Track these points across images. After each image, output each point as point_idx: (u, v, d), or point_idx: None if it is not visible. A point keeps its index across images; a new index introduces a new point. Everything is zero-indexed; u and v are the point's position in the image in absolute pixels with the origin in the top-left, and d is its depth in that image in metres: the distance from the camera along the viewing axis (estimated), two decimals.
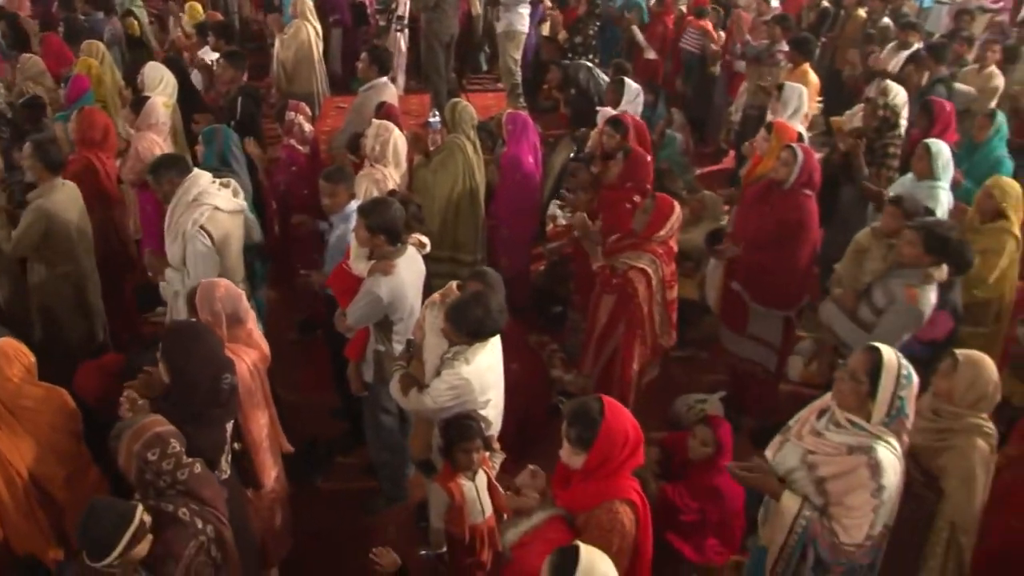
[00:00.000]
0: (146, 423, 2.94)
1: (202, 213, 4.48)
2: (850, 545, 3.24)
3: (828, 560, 3.33)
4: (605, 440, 3.07)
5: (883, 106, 6.50)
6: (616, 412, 3.13)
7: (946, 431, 3.70)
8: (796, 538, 3.35)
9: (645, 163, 5.39)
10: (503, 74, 10.04)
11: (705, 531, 4.54)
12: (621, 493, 3.15)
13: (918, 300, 4.43)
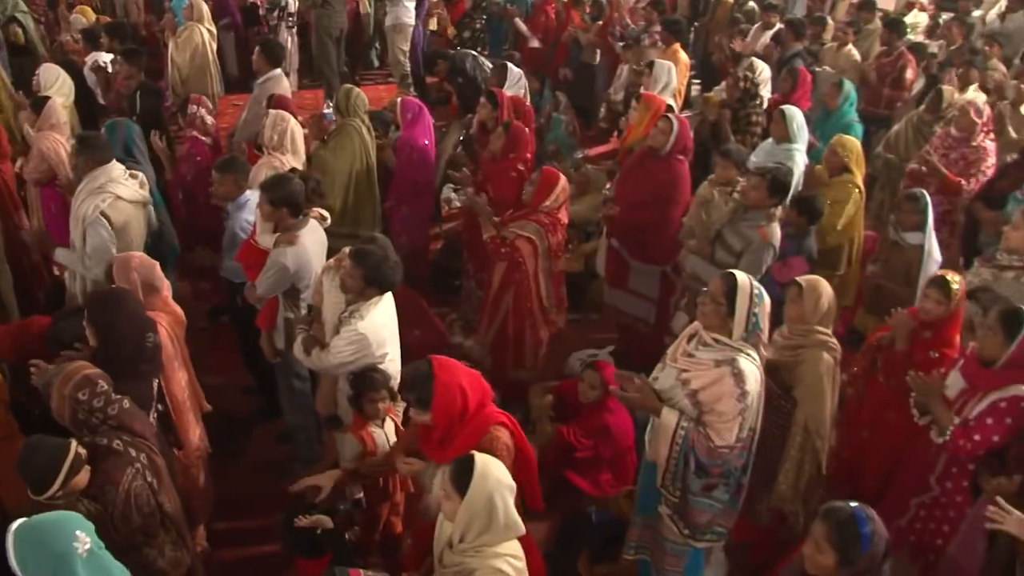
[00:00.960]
0: (73, 368, 3.20)
1: (104, 199, 4.70)
2: (723, 447, 3.62)
3: (707, 463, 3.70)
4: (442, 396, 3.36)
5: (744, 79, 7.09)
6: (445, 368, 3.43)
7: (798, 347, 4.17)
8: (678, 448, 3.69)
9: (525, 135, 5.80)
10: (392, 65, 10.39)
11: (600, 467, 4.93)
12: (490, 421, 3.49)
13: (770, 236, 5.00)
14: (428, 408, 3.38)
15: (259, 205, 4.54)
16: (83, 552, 2.55)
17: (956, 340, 4.29)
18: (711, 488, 3.80)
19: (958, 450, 3.76)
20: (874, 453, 4.46)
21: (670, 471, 3.79)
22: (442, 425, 3.43)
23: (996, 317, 3.74)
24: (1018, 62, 8.94)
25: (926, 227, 5.47)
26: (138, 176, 5.03)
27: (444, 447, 3.46)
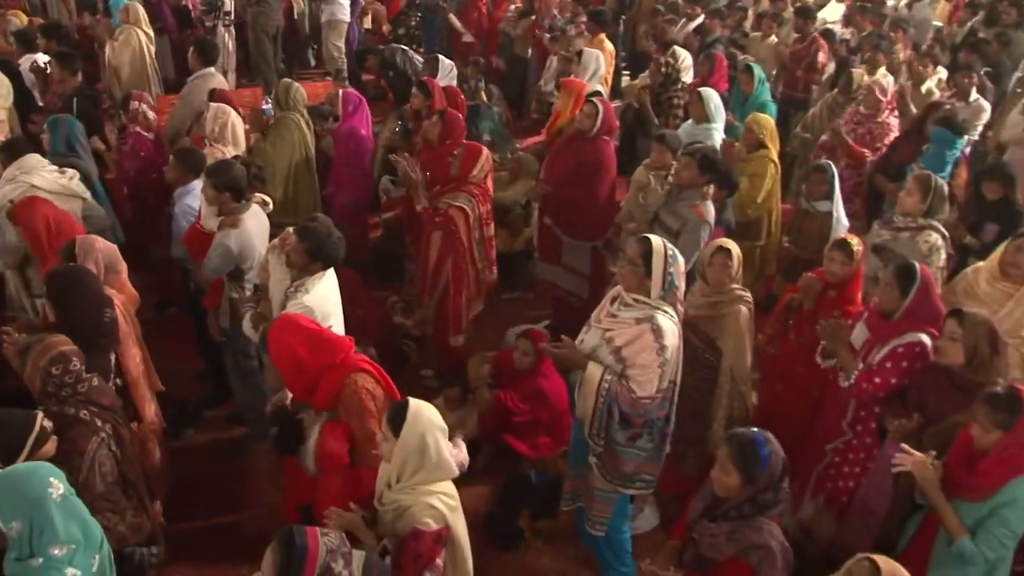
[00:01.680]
0: (52, 341, 3.41)
1: (15, 188, 4.90)
2: (645, 398, 3.88)
3: (630, 413, 3.94)
4: (274, 350, 3.75)
5: (665, 64, 7.46)
6: (278, 325, 3.83)
7: (718, 303, 4.52)
8: (603, 400, 3.94)
9: (460, 122, 6.06)
10: (328, 61, 10.60)
11: (538, 430, 5.22)
12: (349, 369, 3.72)
13: (705, 214, 5.31)
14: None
15: (203, 190, 4.77)
16: (57, 497, 2.78)
17: (858, 298, 4.65)
18: (636, 438, 4.06)
19: (862, 392, 4.12)
20: (787, 405, 4.80)
21: (596, 422, 4.03)
22: (288, 374, 3.75)
23: (892, 273, 4.10)
24: (925, 48, 9.47)
25: (834, 195, 5.88)
26: (67, 171, 5.20)
27: (312, 395, 3.74)
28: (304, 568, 2.52)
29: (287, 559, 2.54)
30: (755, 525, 3.15)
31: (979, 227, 5.83)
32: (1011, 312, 4.53)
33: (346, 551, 2.63)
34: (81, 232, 4.68)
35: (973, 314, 3.80)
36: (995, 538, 3.35)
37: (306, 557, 2.54)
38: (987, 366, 3.69)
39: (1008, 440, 3.32)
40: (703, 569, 3.30)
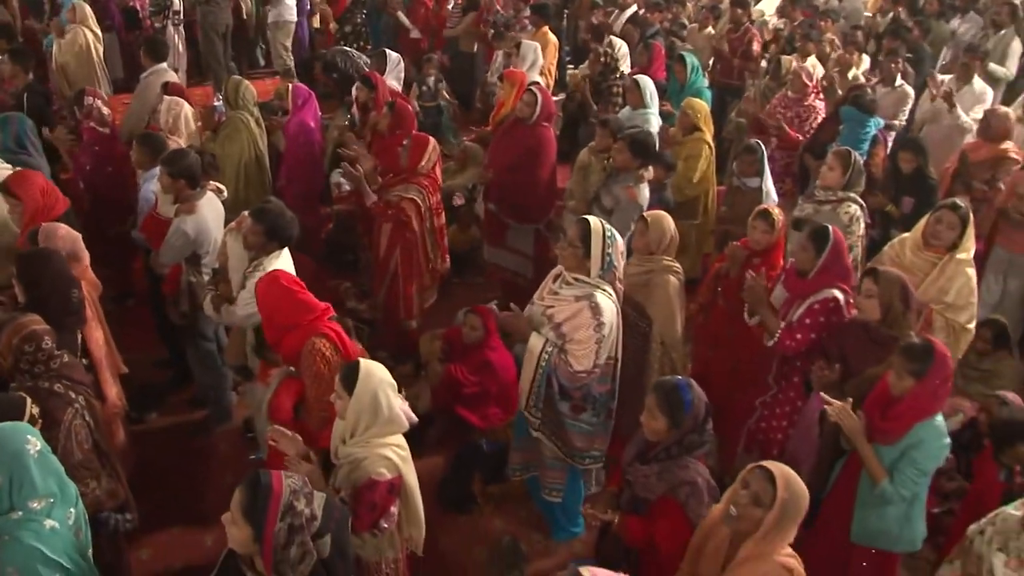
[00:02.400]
0: (25, 320, 3.57)
1: None
2: (582, 372, 4.16)
3: (568, 386, 4.25)
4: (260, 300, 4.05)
5: (604, 55, 7.78)
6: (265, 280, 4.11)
7: (647, 272, 4.81)
8: (542, 370, 4.24)
9: (408, 113, 6.32)
10: (275, 59, 10.75)
11: (487, 401, 5.42)
12: (313, 331, 3.95)
13: (637, 196, 5.63)
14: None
15: (159, 179, 4.96)
16: (34, 453, 2.98)
17: (780, 264, 4.98)
18: (579, 411, 4.35)
19: (785, 348, 4.45)
20: (719, 368, 5.09)
21: (534, 393, 4.32)
22: (264, 321, 4.09)
23: (807, 235, 4.46)
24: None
25: (763, 173, 6.22)
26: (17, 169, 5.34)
27: (278, 345, 4.02)
28: (269, 505, 2.70)
29: (253, 497, 2.72)
30: (682, 464, 3.46)
31: (897, 200, 6.22)
32: (935, 280, 4.91)
33: (308, 491, 2.83)
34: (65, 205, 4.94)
35: (887, 272, 4.15)
36: (908, 478, 3.68)
37: (271, 495, 2.72)
38: (900, 320, 4.03)
39: (920, 388, 3.63)
40: (638, 509, 3.59)
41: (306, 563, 2.76)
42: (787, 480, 2.98)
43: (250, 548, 2.74)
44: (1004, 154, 6.52)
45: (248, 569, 2.80)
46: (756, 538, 2.99)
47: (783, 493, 2.94)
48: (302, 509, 2.75)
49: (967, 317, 4.91)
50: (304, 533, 2.74)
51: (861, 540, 3.91)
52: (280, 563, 2.72)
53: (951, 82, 8.02)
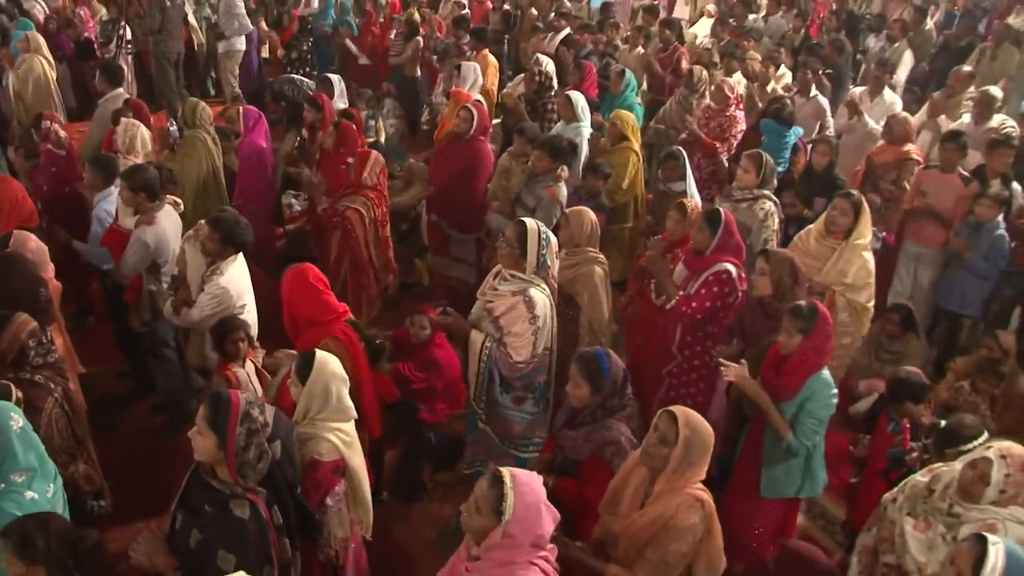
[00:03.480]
0: (25, 317, 3.91)
1: None
2: (521, 362, 4.53)
3: (508, 376, 4.61)
4: (286, 291, 4.47)
5: (538, 74, 8.25)
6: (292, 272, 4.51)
7: (574, 264, 5.20)
8: (484, 364, 4.59)
9: (353, 131, 6.71)
10: (224, 87, 11.06)
11: (435, 396, 5.83)
12: (329, 332, 4.39)
13: (556, 195, 6.08)
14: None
15: (120, 192, 5.29)
16: (17, 429, 3.30)
17: None
18: (520, 401, 4.72)
19: (683, 315, 4.93)
20: (649, 354, 5.50)
21: (479, 385, 4.68)
22: (287, 312, 4.44)
23: (703, 217, 4.95)
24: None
25: (686, 177, 6.69)
26: None
27: (295, 337, 4.44)
28: (230, 413, 3.11)
29: (216, 408, 3.14)
30: (606, 426, 3.86)
31: (810, 201, 6.73)
32: (835, 263, 5.43)
33: (260, 403, 3.26)
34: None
35: (776, 252, 4.65)
36: (808, 427, 4.15)
37: (231, 405, 3.14)
38: (790, 295, 4.51)
39: (807, 344, 4.12)
40: (569, 471, 3.98)
41: (264, 462, 3.18)
42: (688, 419, 3.39)
43: (215, 455, 3.13)
44: (907, 156, 7.07)
45: (212, 479, 3.19)
46: (666, 473, 3.39)
47: (685, 431, 3.35)
48: (257, 416, 3.17)
49: (866, 296, 5.41)
50: (260, 436, 3.16)
51: (770, 494, 4.35)
52: (242, 464, 3.11)
53: (863, 94, 8.62)
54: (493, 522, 2.96)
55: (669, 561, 3.39)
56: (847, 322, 5.40)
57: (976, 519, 3.47)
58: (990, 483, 3.46)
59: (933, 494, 3.68)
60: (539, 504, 3.01)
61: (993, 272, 6.20)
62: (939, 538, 3.57)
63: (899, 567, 3.69)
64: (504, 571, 2.98)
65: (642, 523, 3.45)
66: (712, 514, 3.46)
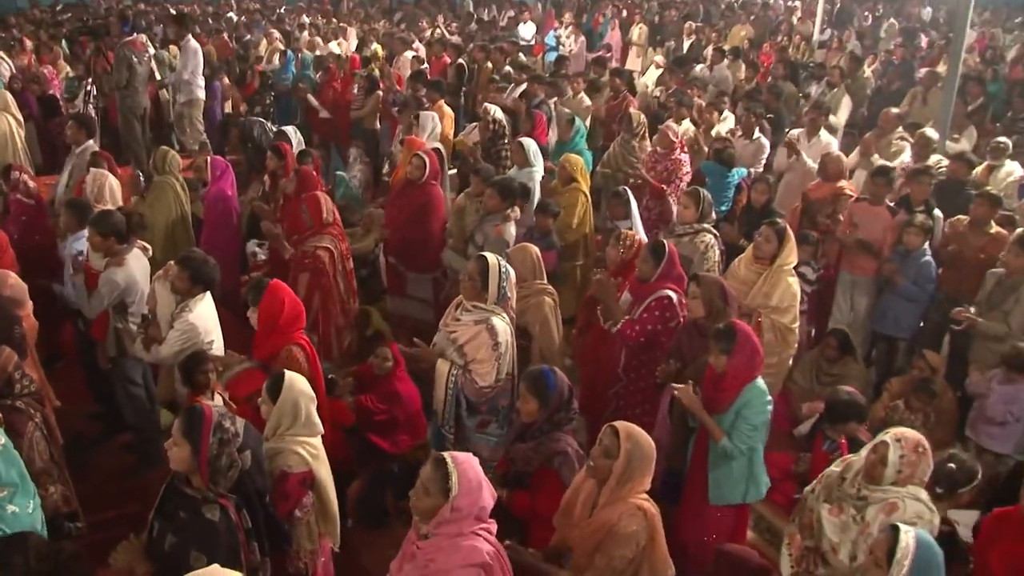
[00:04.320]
0: (10, 352, 4.16)
1: None
2: (486, 387, 4.83)
3: (474, 400, 4.91)
4: (267, 303, 4.72)
5: (492, 121, 8.66)
6: (274, 290, 4.77)
7: (525, 296, 5.51)
8: (451, 391, 4.90)
9: (312, 177, 7.03)
10: (191, 135, 11.32)
11: (397, 428, 6.03)
12: (293, 341, 4.70)
13: (503, 232, 6.45)
14: (256, 306, 4.68)
15: (89, 238, 5.53)
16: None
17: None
18: (485, 424, 5.01)
19: (627, 338, 5.24)
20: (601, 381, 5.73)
21: (447, 411, 4.97)
22: (263, 319, 4.68)
23: (647, 249, 5.31)
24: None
25: (631, 215, 7.06)
26: None
27: (258, 347, 4.69)
28: (204, 422, 3.37)
29: (190, 420, 3.39)
30: (554, 438, 4.14)
31: (750, 235, 7.10)
32: (760, 287, 5.79)
33: (231, 415, 3.51)
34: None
35: (706, 276, 5.02)
36: (743, 432, 4.46)
37: (204, 417, 3.40)
38: (721, 315, 4.84)
39: (735, 361, 4.44)
40: (522, 483, 4.24)
41: (234, 470, 3.44)
42: (629, 433, 3.68)
43: (189, 464, 3.38)
44: (841, 191, 7.50)
45: (186, 487, 3.44)
46: (610, 484, 3.67)
47: (627, 444, 3.64)
48: (228, 427, 3.44)
49: (790, 318, 5.77)
50: (231, 446, 3.41)
51: (718, 501, 4.63)
52: (214, 472, 3.37)
53: (801, 135, 9.11)
54: (441, 500, 3.27)
55: (616, 566, 3.64)
56: (773, 342, 5.71)
57: (880, 499, 3.85)
58: (888, 464, 3.85)
59: (844, 481, 4.05)
60: (480, 479, 3.35)
61: (922, 296, 6.60)
62: (850, 520, 3.93)
63: (817, 549, 4.05)
64: (453, 542, 3.30)
65: (589, 531, 3.71)
66: (655, 523, 3.72)
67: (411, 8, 21.63)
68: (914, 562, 3.17)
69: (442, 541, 3.31)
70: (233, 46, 14.10)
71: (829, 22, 21.32)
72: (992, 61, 15.35)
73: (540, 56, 15.49)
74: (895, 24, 21.10)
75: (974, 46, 17.37)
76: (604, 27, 19.84)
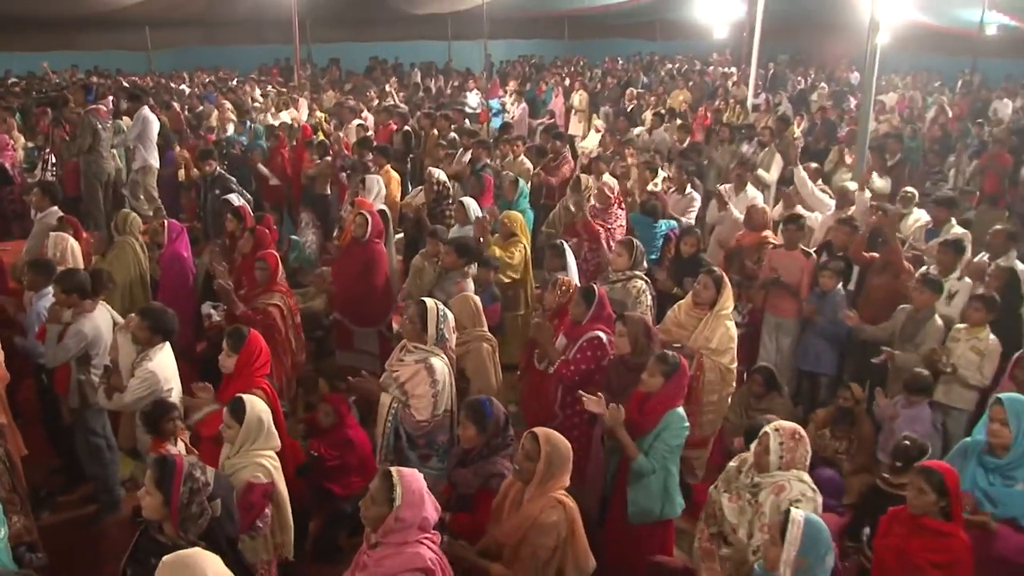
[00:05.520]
0: None
1: None
2: (423, 421, 5.17)
3: (413, 434, 5.24)
4: (248, 350, 5.09)
5: (436, 183, 9.14)
6: (255, 339, 5.15)
7: (465, 343, 5.92)
8: (390, 423, 5.25)
9: (267, 236, 7.44)
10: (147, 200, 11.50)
11: (349, 472, 6.34)
12: (255, 384, 5.06)
13: (464, 289, 6.84)
14: (237, 352, 5.04)
15: (54, 295, 5.84)
16: None
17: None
18: (427, 458, 5.32)
19: (562, 377, 5.64)
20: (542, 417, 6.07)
21: (385, 444, 5.32)
22: (240, 364, 5.05)
23: (579, 293, 5.75)
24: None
25: (567, 266, 7.51)
26: None
27: (226, 390, 5.04)
28: (175, 472, 3.64)
29: (162, 469, 3.66)
30: (491, 462, 4.53)
31: (680, 281, 7.61)
32: (701, 331, 6.23)
33: (201, 465, 3.79)
34: None
35: (631, 316, 5.47)
36: (659, 451, 4.86)
37: (175, 467, 3.67)
38: (646, 350, 5.28)
39: (668, 386, 4.89)
40: (463, 505, 4.59)
41: (204, 518, 3.70)
42: (548, 437, 4.12)
43: (160, 512, 3.65)
44: (765, 240, 8.07)
45: (158, 534, 3.69)
46: (534, 483, 4.09)
47: (546, 447, 4.07)
48: (199, 476, 3.70)
49: (728, 359, 6.22)
50: (201, 495, 3.68)
51: (636, 519, 4.99)
52: (184, 520, 3.64)
53: (729, 189, 9.71)
54: (386, 509, 3.65)
55: (539, 555, 4.04)
56: (715, 381, 6.17)
57: (769, 483, 4.36)
58: (771, 452, 4.38)
59: (741, 473, 4.59)
60: (422, 492, 3.72)
61: (839, 333, 7.12)
62: (746, 504, 4.46)
63: (720, 533, 4.56)
64: (398, 550, 3.65)
65: (514, 525, 4.10)
66: (574, 516, 4.12)
67: (360, 79, 22.26)
68: (803, 537, 3.67)
69: (388, 549, 3.66)
70: (185, 116, 14.49)
71: (763, 87, 22.42)
72: (910, 120, 16.31)
73: (486, 123, 16.13)
74: (826, 88, 22.22)
75: (895, 107, 18.41)
76: (547, 94, 20.65)
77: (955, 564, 4.03)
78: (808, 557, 3.69)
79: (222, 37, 27.43)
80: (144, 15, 22.48)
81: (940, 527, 4.18)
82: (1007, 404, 4.69)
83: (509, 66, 27.40)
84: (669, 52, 32.71)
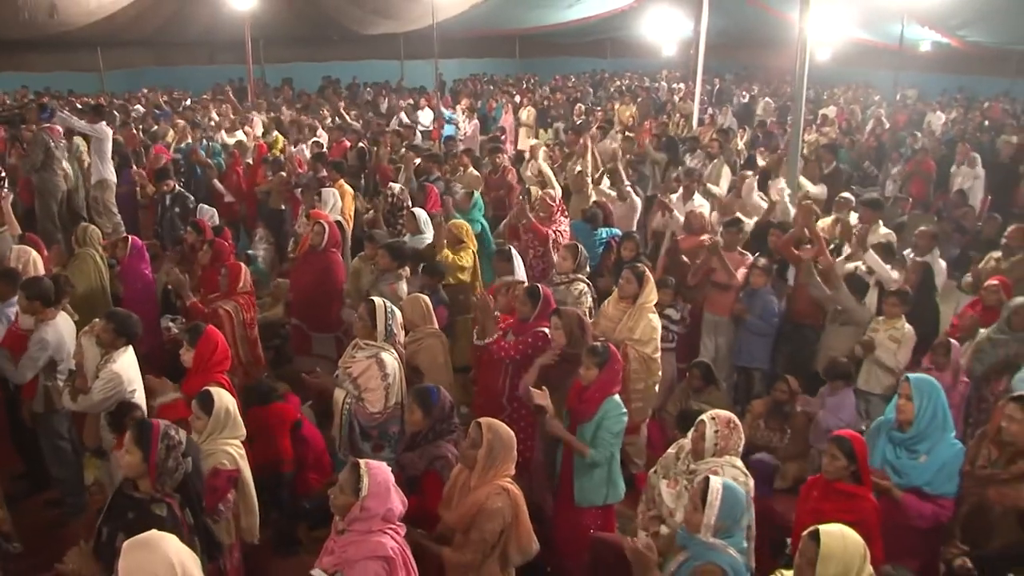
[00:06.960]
0: None
1: None
2: (376, 413, 5.49)
3: (366, 425, 5.56)
4: (203, 344, 5.38)
5: (391, 195, 9.50)
6: (211, 334, 5.45)
7: (417, 340, 6.24)
8: (345, 416, 5.60)
9: (225, 248, 7.72)
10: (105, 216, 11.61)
11: (305, 468, 6.62)
12: (212, 380, 5.31)
13: (397, 290, 7.25)
14: (194, 346, 5.30)
15: (18, 301, 6.08)
16: None
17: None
18: (380, 448, 5.61)
19: (498, 350, 5.99)
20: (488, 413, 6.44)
21: (341, 437, 5.65)
22: (198, 358, 5.34)
23: (525, 293, 6.12)
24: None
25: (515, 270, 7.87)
26: None
27: (188, 383, 5.35)
28: (153, 431, 3.97)
29: (140, 430, 3.97)
30: (436, 445, 4.87)
31: None
32: (625, 323, 6.59)
33: (175, 427, 4.09)
34: None
35: (566, 309, 5.85)
36: (604, 441, 5.21)
37: (153, 426, 4.00)
38: (580, 342, 5.64)
39: (602, 376, 5.24)
40: (412, 487, 4.89)
41: (179, 472, 4.02)
42: (490, 425, 4.44)
43: (139, 469, 3.95)
44: (703, 243, 8.49)
45: (133, 491, 3.99)
46: (477, 470, 4.40)
47: (488, 435, 4.39)
48: (174, 435, 4.03)
49: (651, 348, 6.56)
50: (176, 451, 4.00)
51: (583, 503, 5.35)
52: (161, 475, 3.94)
53: (678, 199, 10.18)
54: (353, 498, 3.91)
55: (486, 539, 4.33)
56: (639, 370, 6.52)
57: (704, 469, 4.63)
58: (707, 439, 4.70)
59: (678, 460, 4.91)
60: (388, 484, 3.99)
61: (768, 329, 7.56)
62: (683, 489, 4.74)
63: (658, 516, 4.85)
64: (363, 538, 3.91)
65: (462, 511, 4.39)
66: (518, 501, 4.42)
67: (313, 98, 22.52)
68: (722, 501, 3.99)
69: (353, 536, 3.93)
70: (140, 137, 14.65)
71: (709, 102, 23.08)
72: (848, 132, 16.99)
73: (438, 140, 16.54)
74: (771, 102, 22.97)
75: (835, 119, 19.11)
76: (498, 111, 21.09)
77: (862, 523, 4.38)
78: (727, 521, 4.02)
79: (175, 58, 27.55)
80: (96, 35, 22.51)
81: (850, 489, 4.61)
82: (913, 382, 5.09)
83: (461, 84, 27.84)
84: (619, 70, 33.49)
